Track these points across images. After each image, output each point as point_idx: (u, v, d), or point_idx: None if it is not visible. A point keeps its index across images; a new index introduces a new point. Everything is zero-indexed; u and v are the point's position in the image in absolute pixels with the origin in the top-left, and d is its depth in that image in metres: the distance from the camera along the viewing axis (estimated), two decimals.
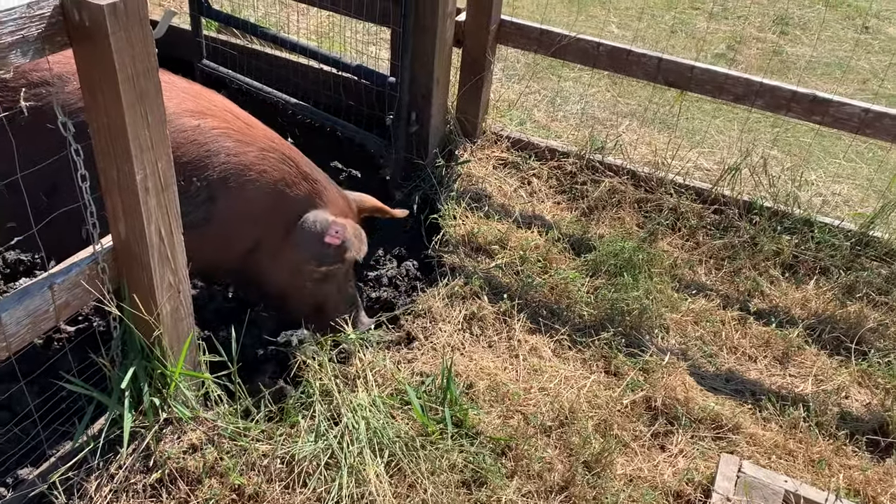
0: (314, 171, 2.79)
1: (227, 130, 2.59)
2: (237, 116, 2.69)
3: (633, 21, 6.41)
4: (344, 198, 2.90)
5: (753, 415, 2.90)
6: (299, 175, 2.70)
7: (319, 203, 2.74)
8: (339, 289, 2.94)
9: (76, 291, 2.11)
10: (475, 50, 3.85)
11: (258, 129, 2.71)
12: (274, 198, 2.64)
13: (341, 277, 2.91)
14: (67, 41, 1.84)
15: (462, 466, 2.51)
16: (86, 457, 2.25)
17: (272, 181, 2.63)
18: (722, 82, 3.51)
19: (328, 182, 2.84)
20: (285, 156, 2.69)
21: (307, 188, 2.71)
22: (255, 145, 2.62)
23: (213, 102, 2.69)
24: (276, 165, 2.64)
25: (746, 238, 3.61)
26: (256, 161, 2.60)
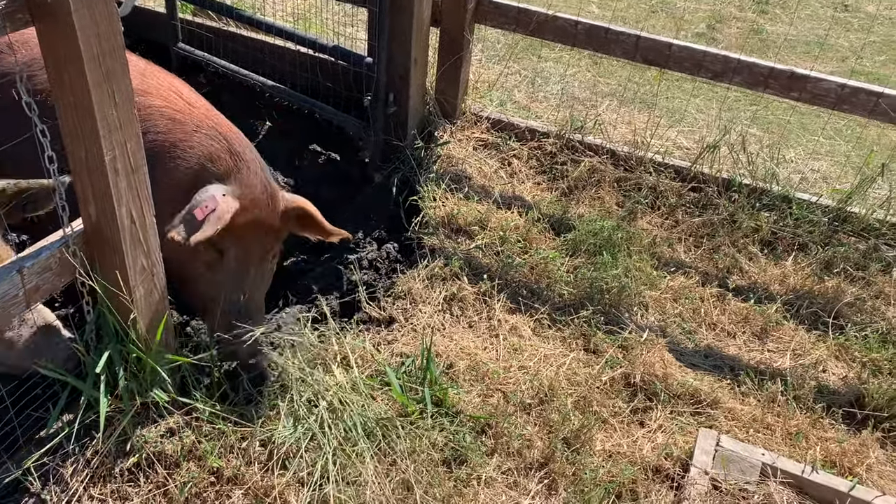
0: (246, 152, 2.57)
1: (164, 108, 2.53)
2: (180, 96, 2.61)
3: (612, 1, 6.39)
4: (268, 191, 2.55)
5: (732, 390, 2.92)
6: (227, 151, 2.53)
7: (231, 181, 2.49)
8: (234, 288, 2.54)
9: (47, 275, 2.08)
10: (453, 29, 3.82)
11: (199, 110, 2.61)
12: (197, 173, 2.50)
13: (233, 275, 2.54)
14: (29, 18, 1.80)
15: (442, 445, 2.51)
16: (61, 442, 2.23)
17: (197, 156, 2.51)
18: (700, 59, 3.51)
19: (258, 167, 2.57)
20: (219, 133, 2.55)
21: (229, 164, 2.51)
22: (189, 124, 2.54)
23: (161, 83, 2.62)
24: (204, 141, 2.52)
25: (725, 215, 3.62)
26: (185, 138, 2.51)
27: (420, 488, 2.37)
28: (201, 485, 2.28)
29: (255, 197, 2.51)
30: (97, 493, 2.20)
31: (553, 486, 2.48)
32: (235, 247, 2.50)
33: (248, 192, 2.49)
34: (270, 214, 2.57)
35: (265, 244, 2.61)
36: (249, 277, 2.58)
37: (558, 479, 2.49)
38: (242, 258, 2.54)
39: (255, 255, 2.58)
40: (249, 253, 2.55)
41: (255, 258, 2.58)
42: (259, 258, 2.60)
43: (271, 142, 4.06)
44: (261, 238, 2.57)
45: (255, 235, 2.54)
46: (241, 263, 2.55)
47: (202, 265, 2.53)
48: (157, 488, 2.25)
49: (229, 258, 2.52)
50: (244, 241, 2.51)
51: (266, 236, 2.59)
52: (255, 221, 2.51)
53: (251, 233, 2.51)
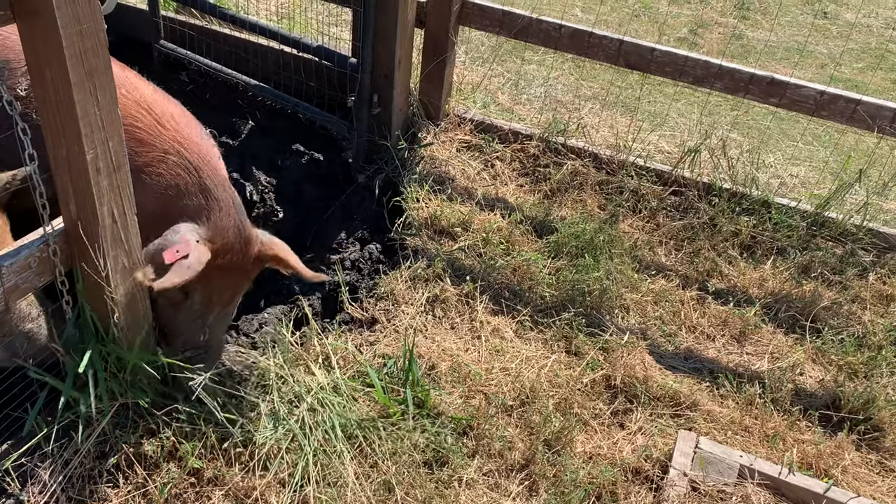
0: (218, 189, 2.42)
1: (130, 129, 2.36)
2: (150, 112, 2.45)
3: (596, 5, 6.43)
4: (241, 235, 2.43)
5: (711, 392, 2.95)
6: (198, 187, 2.40)
7: (201, 221, 2.37)
8: (195, 328, 2.49)
9: (26, 275, 2.06)
10: (437, 30, 3.82)
11: (169, 131, 2.44)
12: (162, 203, 2.39)
13: (196, 316, 2.47)
14: (11, 16, 1.79)
15: (424, 446, 2.52)
16: (39, 442, 2.21)
17: (164, 186, 2.39)
18: (682, 64, 3.54)
19: (231, 207, 2.43)
20: (189, 163, 2.41)
21: (199, 202, 2.39)
22: (158, 147, 2.40)
23: (129, 96, 2.44)
24: (172, 170, 2.39)
25: (705, 219, 3.65)
26: (152, 163, 2.38)
27: (401, 489, 2.38)
28: (181, 486, 2.27)
29: (228, 242, 2.38)
30: (76, 494, 2.18)
31: (534, 488, 2.50)
32: (202, 290, 2.40)
33: (219, 237, 2.37)
34: (242, 259, 2.45)
35: (234, 288, 2.52)
36: (212, 318, 2.50)
37: (539, 480, 2.50)
38: (208, 301, 2.45)
39: (221, 298, 2.49)
40: (216, 296, 2.46)
41: (221, 301, 2.50)
42: (226, 302, 2.52)
43: (254, 141, 4.05)
44: (230, 282, 2.48)
45: (224, 280, 2.44)
46: (206, 306, 2.46)
47: (165, 300, 2.44)
48: (136, 489, 2.23)
49: (194, 300, 2.43)
50: (212, 286, 2.40)
51: (236, 281, 2.50)
52: (226, 267, 2.40)
53: (220, 278, 2.41)
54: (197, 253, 2.22)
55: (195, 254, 2.21)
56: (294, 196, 3.86)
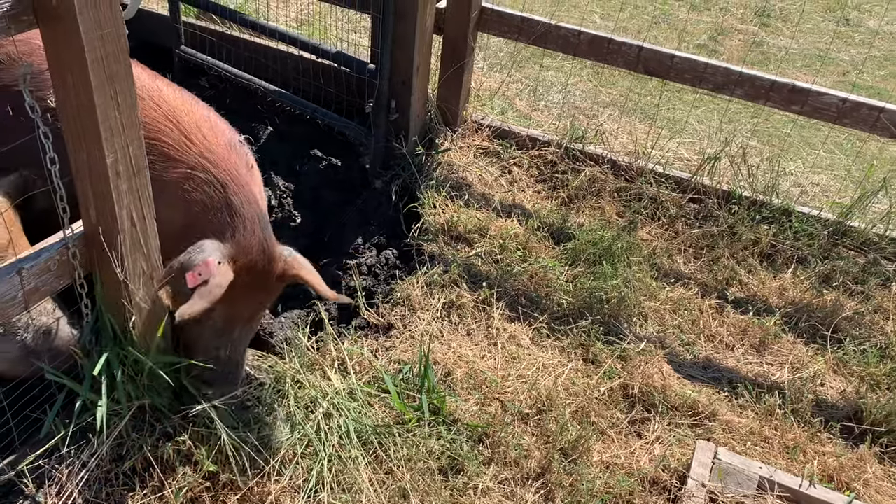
0: (244, 206, 2.40)
1: (157, 143, 2.36)
2: (177, 126, 2.42)
3: (615, 12, 6.41)
4: (265, 253, 2.40)
5: (730, 402, 2.91)
6: (224, 203, 2.38)
7: (225, 238, 2.35)
8: (217, 344, 2.48)
9: (45, 277, 2.07)
10: (456, 37, 3.83)
11: (196, 146, 2.42)
12: (187, 218, 2.39)
13: (218, 332, 2.46)
14: (34, 20, 1.80)
15: (439, 453, 2.51)
16: (57, 445, 2.22)
17: (189, 202, 2.38)
18: (702, 71, 3.52)
19: (257, 225, 2.40)
20: (216, 179, 2.39)
21: (224, 219, 2.37)
22: (185, 163, 2.39)
23: (159, 109, 2.43)
24: (200, 187, 2.38)
25: (725, 227, 3.62)
26: (180, 180, 2.38)
27: (416, 497, 2.37)
28: (197, 490, 2.27)
29: (252, 260, 2.37)
30: (93, 496, 2.19)
31: (550, 497, 2.48)
32: (225, 308, 2.37)
33: (243, 256, 2.35)
34: (266, 278, 2.43)
35: (256, 305, 2.51)
36: (235, 335, 2.49)
37: (555, 489, 2.48)
38: (231, 318, 2.44)
39: (244, 316, 2.48)
40: (238, 314, 2.45)
41: (243, 319, 2.49)
42: (248, 319, 2.52)
43: (273, 146, 4.07)
44: (253, 300, 2.47)
45: (247, 298, 2.42)
46: (229, 323, 2.45)
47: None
48: (152, 493, 2.24)
49: (217, 317, 2.41)
50: (235, 304, 2.38)
51: (259, 299, 2.49)
52: (249, 286, 2.39)
53: (243, 296, 2.39)
54: (218, 278, 2.21)
55: (216, 279, 2.20)
56: (312, 201, 3.87)
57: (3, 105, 2.43)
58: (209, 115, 2.59)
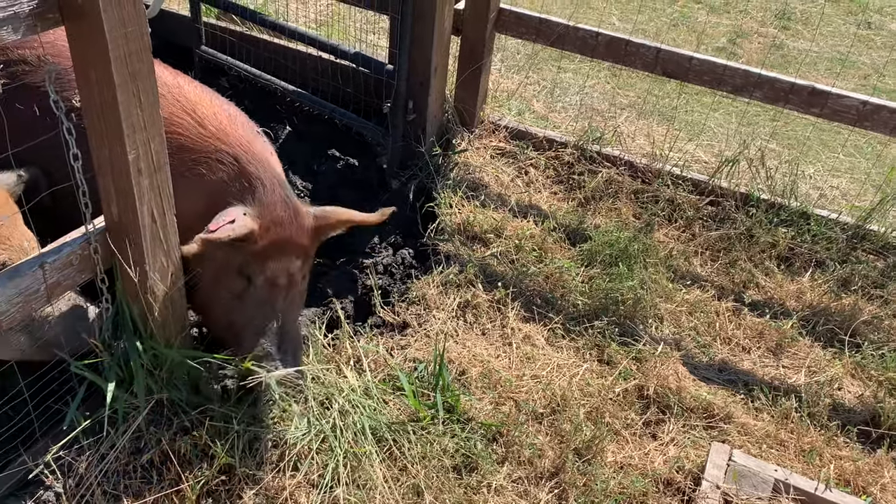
0: (261, 171, 2.44)
1: (172, 136, 2.38)
2: (193, 117, 2.47)
3: (633, 14, 6.39)
4: (290, 208, 2.44)
5: (745, 405, 2.90)
6: (237, 173, 2.42)
7: (247, 201, 2.39)
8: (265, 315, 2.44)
9: (67, 272, 2.11)
10: (474, 38, 3.84)
11: (209, 129, 2.47)
12: (208, 200, 2.41)
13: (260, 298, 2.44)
14: (59, 18, 1.84)
15: (453, 452, 2.52)
16: (77, 437, 2.25)
17: (208, 184, 2.42)
18: (720, 73, 3.51)
19: (276, 184, 2.45)
20: (228, 154, 2.44)
21: (242, 186, 2.42)
22: (199, 150, 2.44)
23: (178, 104, 2.48)
24: (214, 168, 2.43)
25: (742, 230, 3.60)
26: (195, 166, 2.42)
27: (430, 494, 2.38)
28: (213, 483, 2.30)
29: (277, 215, 2.40)
30: (111, 488, 2.22)
31: (563, 497, 2.48)
32: (261, 271, 2.39)
33: (268, 213, 2.39)
34: (296, 232, 2.45)
35: (294, 266, 2.48)
36: (279, 303, 2.45)
37: (569, 489, 2.48)
38: (272, 283, 2.42)
39: (283, 277, 2.45)
40: (278, 276, 2.43)
41: (284, 281, 2.45)
42: (289, 281, 2.47)
43: (291, 146, 4.09)
44: (289, 260, 2.45)
45: (282, 258, 2.42)
46: (271, 288, 2.43)
47: (230, 294, 2.43)
48: (169, 486, 2.26)
49: (256, 284, 2.41)
50: (270, 264, 2.39)
51: (294, 257, 2.47)
52: (281, 242, 2.40)
53: (278, 255, 2.40)
54: (242, 220, 2.28)
55: (241, 220, 2.27)
56: (329, 200, 3.88)
57: (31, 105, 2.48)
58: (227, 108, 2.64)
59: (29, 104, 2.50)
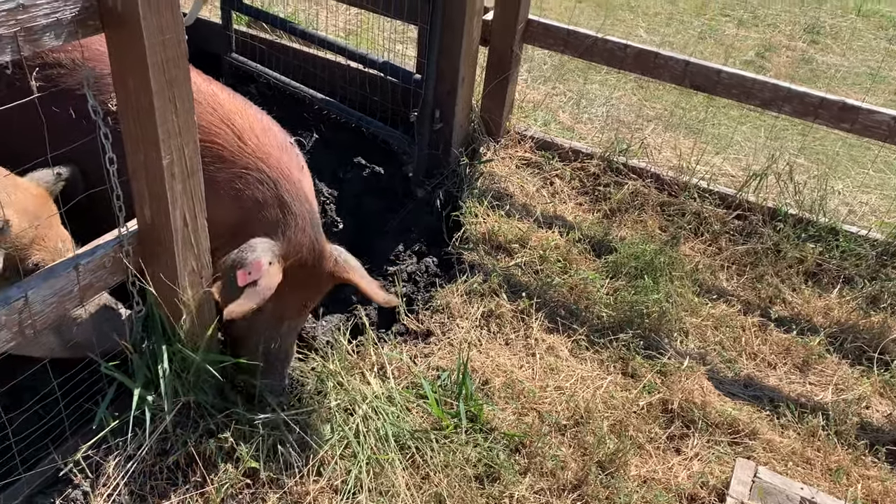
0: (295, 204, 2.45)
1: (212, 146, 2.42)
2: (231, 129, 2.48)
3: (661, 26, 6.38)
4: (315, 250, 2.46)
5: (771, 421, 2.87)
6: (276, 200, 2.43)
7: (277, 236, 2.40)
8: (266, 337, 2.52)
9: (100, 273, 2.14)
10: (501, 49, 3.85)
11: (250, 146, 2.47)
12: (241, 216, 2.43)
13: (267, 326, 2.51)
14: (100, 25, 1.87)
15: (476, 461, 2.52)
16: (105, 437, 2.28)
17: (242, 200, 2.43)
18: (749, 87, 3.49)
19: (308, 223, 2.46)
20: (269, 177, 2.45)
21: (276, 216, 2.43)
22: (238, 163, 2.45)
23: (214, 112, 2.48)
24: (252, 185, 2.43)
25: (769, 245, 3.57)
26: (233, 179, 2.43)
27: (452, 503, 2.38)
28: (237, 486, 2.31)
29: (302, 258, 2.42)
30: (137, 489, 2.24)
31: None
32: (274, 303, 2.39)
33: (293, 253, 2.40)
34: (314, 275, 2.49)
35: (305, 301, 2.56)
36: (283, 329, 2.54)
37: (591, 502, 2.47)
38: (279, 313, 2.48)
39: (292, 311, 2.53)
40: (287, 310, 2.50)
41: (292, 313, 2.53)
42: (297, 313, 2.56)
43: (318, 153, 4.13)
44: (301, 297, 2.52)
45: (295, 295, 2.47)
46: (277, 318, 2.49)
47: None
48: (194, 488, 2.28)
49: (266, 311, 2.43)
50: (283, 300, 2.40)
51: (307, 295, 2.54)
52: (298, 282, 2.44)
53: (292, 293, 2.43)
54: (267, 279, 2.26)
55: (266, 280, 2.25)
56: (354, 208, 3.92)
57: (66, 107, 2.52)
58: (262, 118, 2.65)
59: (64, 107, 2.55)
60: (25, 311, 1.96)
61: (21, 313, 1.95)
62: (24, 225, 2.08)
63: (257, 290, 2.22)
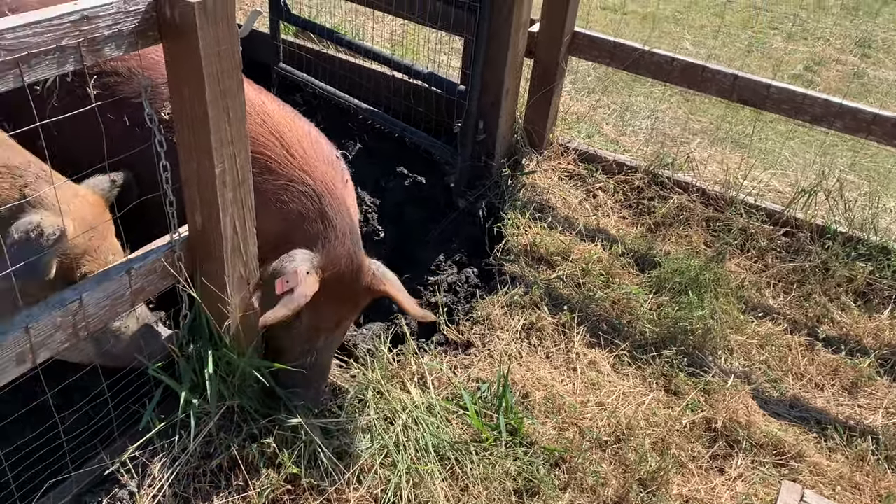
0: (337, 218, 2.48)
1: (260, 157, 2.44)
2: (280, 141, 2.51)
3: (707, 39, 6.31)
4: (353, 264, 2.49)
5: (818, 444, 2.81)
6: (319, 214, 2.47)
7: (317, 248, 2.44)
8: (303, 349, 2.54)
9: (151, 278, 2.19)
10: (547, 60, 3.85)
11: (297, 159, 2.51)
12: (284, 227, 2.47)
13: (304, 338, 2.53)
14: (158, 36, 1.92)
15: (515, 475, 2.50)
16: (151, 439, 2.32)
17: (286, 212, 2.47)
18: (800, 102, 3.43)
19: (347, 237, 2.49)
20: (314, 191, 2.48)
21: (318, 228, 2.46)
22: (285, 175, 2.48)
23: (264, 124, 2.52)
24: (297, 198, 2.47)
25: (818, 263, 3.50)
26: (278, 191, 2.47)
27: None
28: (279, 492, 2.33)
29: (340, 272, 2.45)
30: (181, 490, 2.27)
31: None
32: (311, 314, 2.45)
33: (332, 266, 2.43)
34: (352, 289, 2.51)
35: (342, 315, 2.58)
36: (320, 343, 2.56)
37: None
38: (316, 326, 2.50)
39: (329, 324, 2.55)
40: (324, 322, 2.52)
41: (329, 326, 2.56)
42: (334, 326, 2.58)
43: (361, 162, 4.16)
44: (338, 310, 2.54)
45: (332, 308, 2.49)
46: (314, 330, 2.52)
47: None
48: (237, 492, 2.31)
49: (303, 323, 2.48)
50: (321, 312, 2.44)
51: (345, 310, 2.57)
52: (335, 295, 2.46)
53: (329, 305, 2.46)
54: (303, 287, 2.29)
55: (301, 288, 2.28)
56: (396, 217, 3.94)
57: (121, 115, 2.59)
58: (310, 131, 2.68)
59: (119, 114, 2.61)
60: (80, 314, 2.01)
61: (76, 315, 2.00)
62: (79, 234, 2.13)
63: (293, 297, 2.25)
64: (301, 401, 2.55)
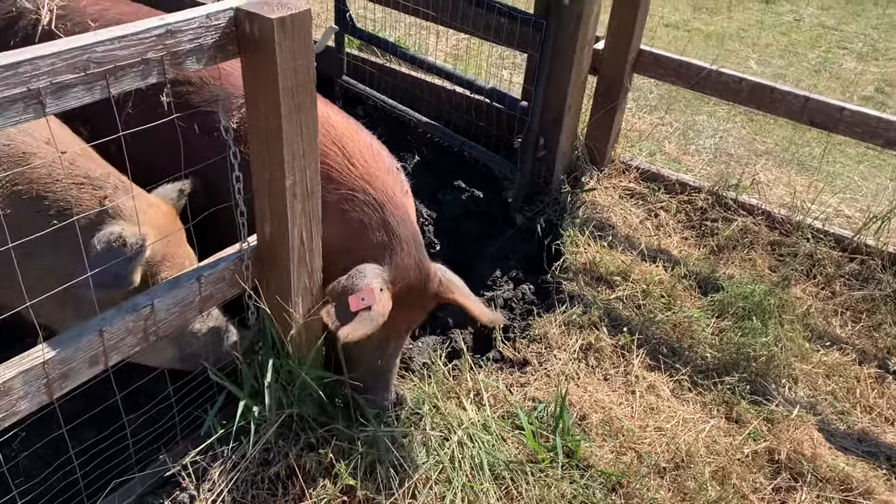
0: (401, 227, 2.48)
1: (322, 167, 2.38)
2: (342, 151, 2.54)
3: (773, 58, 6.19)
4: (421, 273, 2.49)
5: (888, 481, 2.70)
6: (381, 224, 2.47)
7: (384, 259, 2.44)
8: (372, 357, 2.57)
9: (220, 286, 2.23)
10: (611, 78, 3.82)
11: (357, 169, 2.53)
12: (346, 238, 2.48)
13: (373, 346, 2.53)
14: (237, 51, 1.96)
15: (571, 497, 2.47)
16: (212, 444, 2.36)
17: (348, 221, 2.48)
18: (874, 126, 3.33)
19: (412, 245, 2.49)
20: (375, 200, 2.49)
21: (381, 239, 2.46)
22: (346, 185, 2.50)
23: (327, 134, 2.54)
24: (358, 207, 2.48)
25: (889, 292, 3.38)
26: (339, 201, 2.48)
27: None
28: (335, 502, 2.34)
29: (409, 282, 2.45)
30: (240, 496, 2.30)
31: None
32: (383, 325, 2.41)
33: (401, 278, 2.43)
34: (421, 297, 2.52)
35: (412, 321, 2.61)
36: (389, 350, 2.59)
37: None
38: (386, 334, 2.50)
39: (399, 331, 2.57)
40: (394, 329, 2.51)
41: (399, 333, 2.59)
42: (403, 333, 2.61)
43: (419, 175, 4.18)
44: (407, 317, 2.56)
45: (402, 315, 2.49)
46: (385, 338, 2.53)
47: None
48: (294, 501, 2.33)
49: (374, 336, 2.42)
50: (392, 320, 2.42)
51: (413, 315, 2.58)
52: (405, 304, 2.46)
53: (399, 313, 2.45)
54: (380, 305, 2.29)
55: (378, 306, 2.28)
56: (452, 230, 3.95)
57: (192, 124, 2.65)
58: (371, 143, 2.71)
59: (190, 123, 2.68)
60: (151, 319, 2.06)
61: (147, 320, 2.05)
62: (157, 242, 2.18)
63: (371, 315, 2.25)
64: (375, 408, 2.57)
